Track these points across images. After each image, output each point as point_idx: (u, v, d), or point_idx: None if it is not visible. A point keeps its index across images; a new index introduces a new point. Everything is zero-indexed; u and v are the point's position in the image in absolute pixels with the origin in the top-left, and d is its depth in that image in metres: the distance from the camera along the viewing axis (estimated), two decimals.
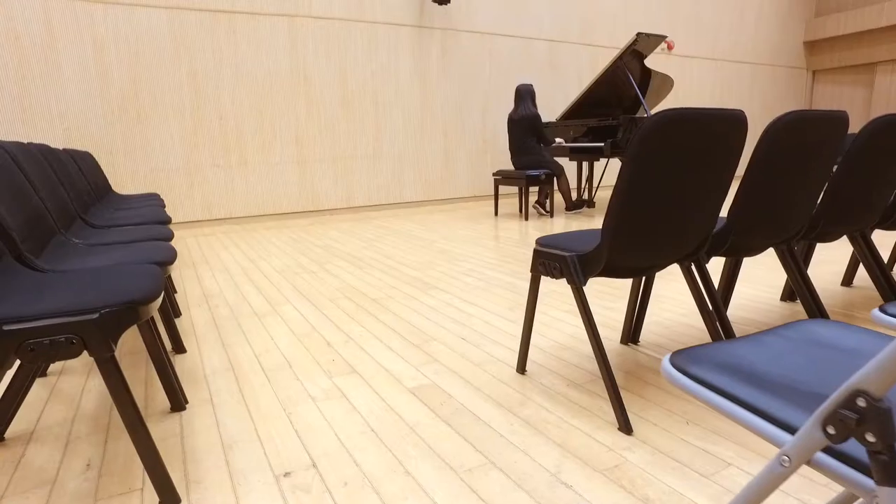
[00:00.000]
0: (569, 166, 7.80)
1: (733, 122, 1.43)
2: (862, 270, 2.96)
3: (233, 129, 5.65)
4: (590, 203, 6.09)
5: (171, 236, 2.15)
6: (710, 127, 1.38)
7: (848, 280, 2.77)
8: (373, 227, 5.22)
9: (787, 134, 1.58)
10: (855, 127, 10.46)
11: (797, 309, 2.44)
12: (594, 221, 5.31)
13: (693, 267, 1.70)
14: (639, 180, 1.38)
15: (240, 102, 5.64)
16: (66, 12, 4.78)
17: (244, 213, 5.84)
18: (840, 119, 1.66)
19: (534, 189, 5.98)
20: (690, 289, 1.69)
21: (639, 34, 5.42)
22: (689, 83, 9.17)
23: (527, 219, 5.45)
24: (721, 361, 0.76)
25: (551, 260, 1.60)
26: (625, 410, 1.47)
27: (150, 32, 5.12)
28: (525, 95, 5.42)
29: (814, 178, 1.75)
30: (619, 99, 6.39)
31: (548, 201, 5.78)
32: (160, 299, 1.24)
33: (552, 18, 7.53)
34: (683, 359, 0.77)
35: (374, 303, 2.70)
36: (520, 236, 4.52)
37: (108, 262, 1.59)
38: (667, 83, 6.31)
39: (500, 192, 5.81)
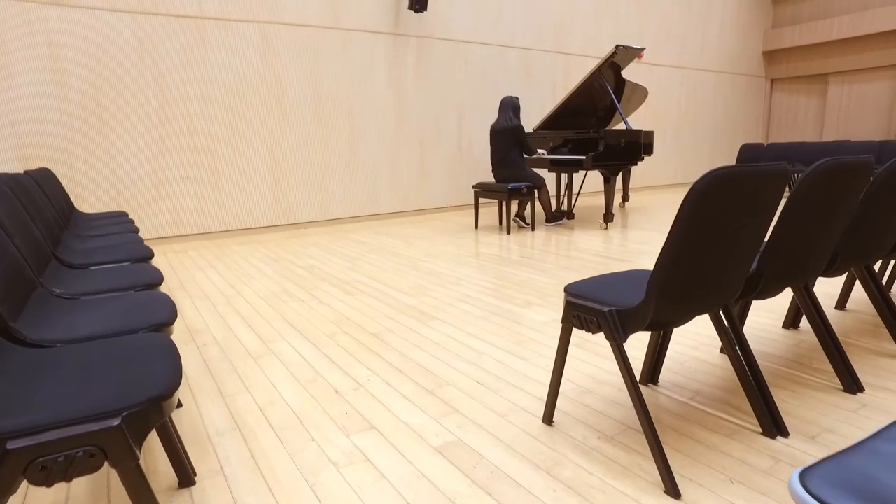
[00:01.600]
0: (547, 178, 7.80)
1: (779, 175, 1.39)
2: (855, 293, 3.03)
3: (203, 139, 5.38)
4: (569, 215, 6.11)
5: (160, 279, 1.97)
6: (760, 182, 1.34)
7: (842, 304, 2.83)
8: (352, 244, 5.06)
9: (820, 181, 1.56)
10: (808, 135, 10.91)
11: (801, 337, 2.46)
12: (574, 234, 5.32)
13: (721, 313, 1.66)
14: (691, 237, 1.32)
15: (210, 111, 5.37)
16: (15, 13, 4.42)
17: (215, 228, 5.57)
18: (866, 164, 1.66)
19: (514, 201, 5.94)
20: (720, 336, 1.66)
21: (617, 47, 5.45)
22: (657, 90, 9.35)
23: (508, 232, 5.40)
24: (858, 486, 0.70)
25: (587, 314, 1.53)
26: (671, 473, 1.42)
27: (111, 37, 4.81)
28: (508, 107, 5.37)
29: (838, 219, 1.74)
30: (593, 108, 6.43)
31: (527, 214, 5.76)
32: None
33: (526, 26, 7.52)
34: (817, 482, 0.71)
35: (374, 338, 2.57)
36: (505, 253, 4.46)
37: (102, 326, 1.43)
38: (638, 92, 6.39)
39: (478, 203, 5.74)
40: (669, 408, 1.86)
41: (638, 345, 2.41)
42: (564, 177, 6.59)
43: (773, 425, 1.64)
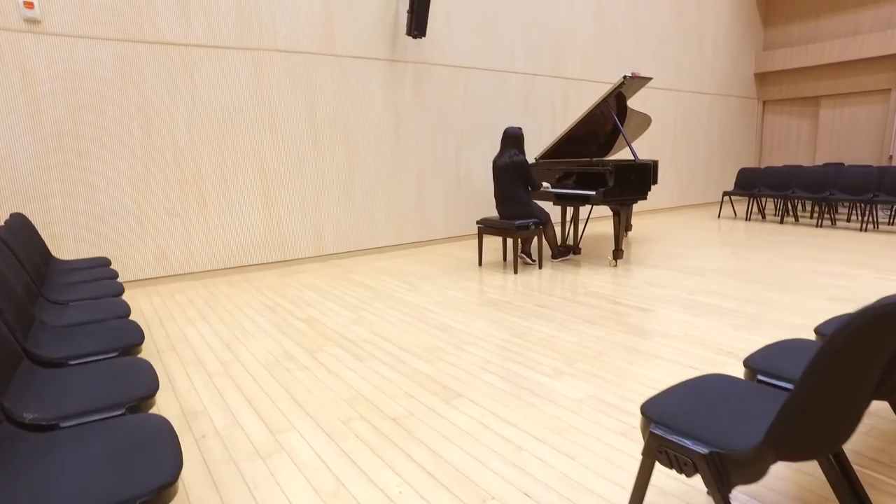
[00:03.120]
0: (552, 210, 7.59)
1: None
2: None
3: (190, 171, 5.06)
4: (576, 249, 5.89)
5: (154, 387, 1.68)
6: None
7: None
8: (352, 286, 4.77)
9: None
10: (801, 157, 10.92)
11: (870, 423, 2.24)
12: (582, 271, 5.11)
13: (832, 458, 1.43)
14: (831, 379, 1.08)
15: (198, 141, 5.06)
16: None
17: (204, 267, 5.24)
18: None
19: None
20: (833, 487, 1.41)
21: (625, 77, 5.29)
22: (654, 114, 9.25)
23: (516, 271, 5.16)
24: None
25: (680, 453, 1.28)
26: None
27: (91, 66, 4.49)
28: (511, 141, 5.16)
29: None
30: (595, 136, 6.27)
31: (533, 249, 5.53)
32: None
33: (524, 52, 7.36)
34: None
35: (395, 425, 2.29)
36: (516, 297, 4.21)
37: (87, 490, 1.13)
38: (637, 119, 6.22)
39: (482, 239, 5.49)
40: None
41: None
42: (570, 208, 6.39)
43: None
